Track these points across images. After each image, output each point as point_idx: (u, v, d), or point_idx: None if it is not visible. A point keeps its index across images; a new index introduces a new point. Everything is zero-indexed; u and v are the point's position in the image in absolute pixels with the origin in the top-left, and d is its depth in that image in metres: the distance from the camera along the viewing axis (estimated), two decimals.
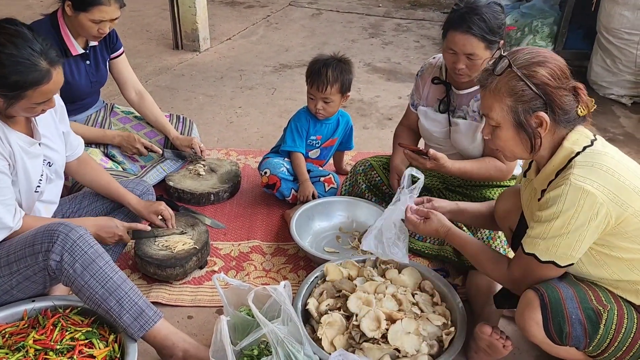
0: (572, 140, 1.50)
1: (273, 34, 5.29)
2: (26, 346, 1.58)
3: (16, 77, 1.56)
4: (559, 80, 1.45)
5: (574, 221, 1.42)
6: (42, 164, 1.81)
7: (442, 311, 1.83)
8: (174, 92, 3.93)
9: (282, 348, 1.50)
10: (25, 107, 1.65)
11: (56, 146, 1.88)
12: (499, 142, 1.57)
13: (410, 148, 2.10)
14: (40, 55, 1.59)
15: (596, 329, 1.47)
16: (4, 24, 1.59)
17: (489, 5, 1.99)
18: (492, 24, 1.96)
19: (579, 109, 1.48)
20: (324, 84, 2.42)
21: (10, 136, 1.68)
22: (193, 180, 2.67)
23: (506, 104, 1.48)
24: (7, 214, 1.67)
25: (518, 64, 1.46)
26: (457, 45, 2.00)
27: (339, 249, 2.34)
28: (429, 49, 4.99)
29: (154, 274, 2.08)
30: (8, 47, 1.55)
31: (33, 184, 1.78)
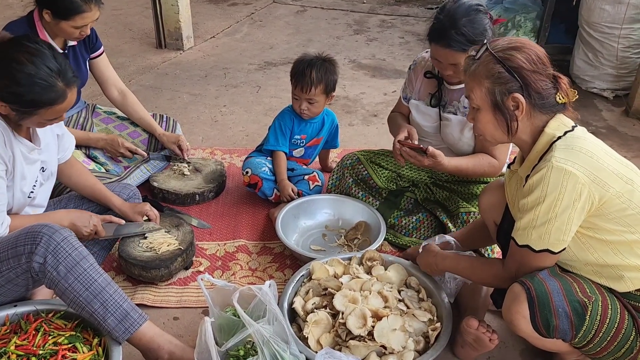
0: (553, 126, 1.55)
1: (257, 31, 5.26)
2: (8, 352, 1.55)
3: (32, 97, 1.59)
4: (535, 65, 1.51)
5: (559, 203, 1.45)
6: (38, 170, 1.81)
7: (428, 307, 1.84)
8: (157, 91, 3.90)
9: (267, 348, 1.49)
10: (37, 122, 1.69)
11: (51, 150, 1.89)
12: (479, 125, 1.63)
13: (409, 145, 2.10)
14: (57, 75, 1.62)
15: (582, 321, 1.48)
16: (24, 42, 1.61)
17: (468, 14, 1.96)
18: (471, 36, 1.95)
19: (558, 96, 1.53)
20: (308, 85, 2.41)
21: (14, 141, 1.69)
22: (178, 181, 2.65)
23: (485, 86, 1.55)
24: None
25: (496, 49, 1.54)
26: (440, 57, 2.04)
27: (325, 247, 2.34)
28: (414, 45, 5.00)
29: (139, 276, 2.07)
30: (27, 66, 1.57)
31: (27, 189, 1.78)
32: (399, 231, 2.38)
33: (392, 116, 2.47)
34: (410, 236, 2.35)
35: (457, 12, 1.97)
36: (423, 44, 5.02)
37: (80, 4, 2.14)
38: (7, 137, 1.66)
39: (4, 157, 1.65)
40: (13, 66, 1.57)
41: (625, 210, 1.48)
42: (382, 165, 2.44)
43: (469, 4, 2.00)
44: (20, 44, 1.61)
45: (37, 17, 2.23)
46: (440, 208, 2.33)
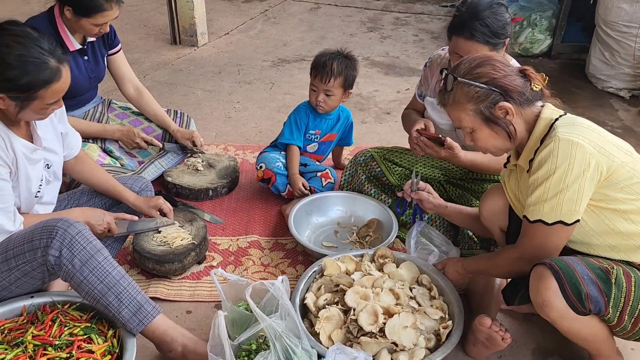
0: (547, 112, 1.61)
1: (271, 28, 5.27)
2: (25, 342, 1.58)
3: (28, 78, 1.57)
4: (502, 70, 1.58)
5: (570, 173, 1.48)
6: (42, 168, 1.82)
7: (440, 305, 1.84)
8: (172, 87, 3.92)
9: (280, 342, 1.50)
10: (38, 109, 1.66)
11: (55, 148, 1.89)
12: (480, 144, 1.67)
13: (428, 135, 2.10)
14: (49, 53, 1.59)
15: (609, 287, 1.48)
16: (7, 26, 1.59)
17: (491, 7, 1.97)
18: (495, 28, 1.95)
19: (533, 85, 1.59)
20: (328, 76, 2.42)
21: (15, 143, 1.68)
22: (191, 176, 2.67)
23: (470, 109, 1.60)
24: (8, 221, 1.68)
25: (462, 74, 1.60)
26: (461, 51, 2.01)
27: (337, 244, 2.35)
28: (428, 43, 4.98)
29: (153, 270, 2.09)
30: (16, 48, 1.55)
31: (33, 189, 1.79)
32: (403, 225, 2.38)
33: (406, 113, 2.47)
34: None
35: (479, 5, 1.98)
36: (437, 41, 5.02)
37: (101, 2, 2.16)
38: (7, 140, 1.65)
39: (6, 160, 1.65)
40: (2, 51, 1.54)
41: (632, 179, 1.53)
42: (395, 163, 2.44)
43: None
44: (5, 28, 1.58)
45: (58, 13, 2.26)
46: None
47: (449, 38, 2.06)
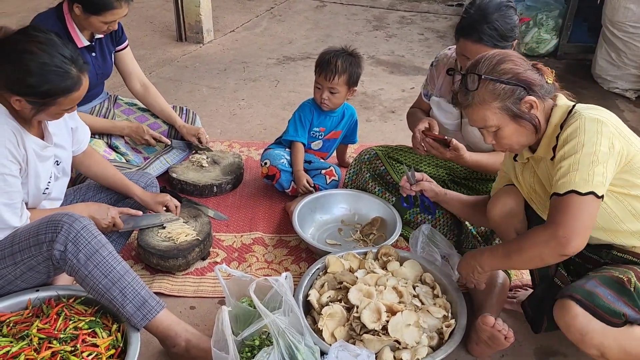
0: (562, 101, 1.63)
1: (277, 26, 5.28)
2: (30, 335, 1.59)
3: (48, 86, 1.58)
4: (523, 65, 1.59)
5: (599, 148, 1.48)
6: (52, 165, 1.83)
7: (443, 303, 1.84)
8: (177, 83, 3.93)
9: (283, 339, 1.51)
10: (54, 114, 1.68)
11: (64, 144, 1.90)
12: (505, 141, 1.64)
13: (433, 136, 2.10)
14: (71, 62, 1.60)
15: (630, 295, 1.50)
16: (31, 32, 1.59)
17: (500, 10, 1.96)
18: (503, 31, 1.95)
19: (547, 78, 1.61)
20: (332, 73, 2.43)
21: (27, 140, 1.69)
22: (196, 172, 2.68)
23: (496, 107, 1.58)
24: (14, 216, 1.69)
25: (485, 72, 1.58)
26: (469, 53, 2.00)
27: (340, 241, 2.35)
28: (433, 42, 4.98)
29: (157, 265, 2.10)
30: (40, 55, 1.56)
31: (42, 186, 1.80)
32: (414, 228, 2.38)
33: (412, 112, 2.47)
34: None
35: (488, 7, 1.97)
36: (443, 40, 5.02)
37: (111, 0, 2.17)
38: (19, 137, 1.66)
39: (17, 157, 1.66)
40: (26, 57, 1.55)
41: None
42: (399, 161, 2.44)
43: (500, 0, 1.99)
44: (29, 34, 1.59)
45: (67, 10, 2.27)
46: None
47: (457, 40, 2.05)
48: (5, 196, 1.64)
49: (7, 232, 1.70)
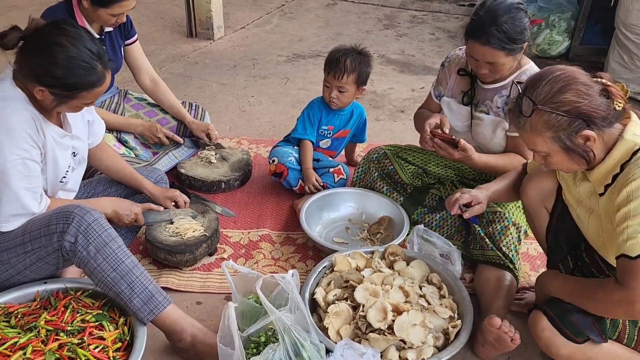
0: (631, 131, 1.47)
1: (287, 23, 5.28)
2: (38, 327, 1.60)
3: (74, 80, 1.60)
4: (586, 95, 1.42)
5: None
6: (70, 155, 1.84)
7: (449, 304, 1.84)
8: (187, 79, 3.94)
9: (288, 336, 1.51)
10: (74, 106, 1.71)
11: (81, 135, 1.92)
12: (554, 167, 1.59)
13: (442, 137, 2.08)
14: (97, 58, 1.63)
15: (604, 325, 1.54)
16: (63, 26, 1.62)
17: (509, 12, 1.94)
18: (511, 34, 1.93)
19: (616, 104, 1.45)
20: (341, 72, 2.42)
21: (46, 127, 1.71)
22: (204, 168, 2.69)
23: (548, 137, 1.48)
24: (34, 201, 1.70)
25: (542, 100, 1.45)
26: (477, 55, 2.00)
27: (347, 240, 2.35)
28: (444, 42, 4.96)
29: (164, 260, 2.11)
30: (69, 49, 1.58)
31: (60, 174, 1.82)
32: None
33: (420, 112, 2.45)
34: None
35: (498, 9, 1.95)
36: (454, 40, 5.00)
37: None
38: (39, 123, 1.68)
39: (37, 142, 1.68)
40: (55, 49, 1.58)
41: None
42: (408, 161, 2.44)
43: (510, 2, 1.97)
44: (60, 27, 1.62)
45: (76, 3, 2.28)
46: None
47: (466, 41, 2.04)
48: (25, 180, 1.65)
49: (25, 219, 1.71)
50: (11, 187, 1.63)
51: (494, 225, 2.13)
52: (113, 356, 1.59)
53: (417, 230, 2.14)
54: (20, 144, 1.62)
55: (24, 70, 1.62)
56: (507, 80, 2.13)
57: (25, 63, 1.62)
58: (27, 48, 1.62)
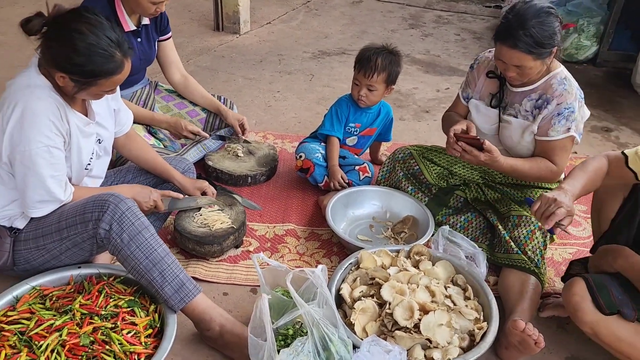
0: None
1: (312, 20, 5.29)
2: (73, 310, 1.65)
3: (92, 67, 1.62)
4: None
5: None
6: (94, 142, 1.87)
7: (475, 306, 1.84)
8: (214, 73, 3.98)
9: (317, 330, 1.53)
10: (94, 94, 1.72)
11: (106, 124, 1.94)
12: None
13: (467, 138, 2.08)
14: (117, 46, 1.64)
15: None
16: (83, 12, 1.64)
17: (538, 16, 1.93)
18: (539, 38, 1.92)
19: None
20: (372, 71, 2.43)
21: (70, 115, 1.73)
22: (231, 161, 2.72)
23: None
24: (59, 189, 1.74)
25: None
26: (504, 58, 2.00)
27: (372, 238, 2.37)
28: (470, 43, 4.93)
29: (192, 250, 2.14)
30: (89, 37, 1.60)
31: (84, 162, 1.85)
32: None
33: (448, 115, 2.45)
34: None
35: (527, 13, 1.95)
36: (479, 42, 4.97)
37: None
38: (63, 111, 1.71)
39: (61, 130, 1.70)
40: (75, 36, 1.59)
41: None
42: (434, 162, 2.44)
43: (540, 6, 1.97)
44: (81, 14, 1.63)
45: None
46: (490, 209, 2.32)
47: (494, 44, 2.05)
48: (51, 168, 1.69)
49: (53, 205, 1.75)
50: (37, 174, 1.67)
51: (520, 230, 2.13)
52: (145, 342, 1.63)
53: (443, 230, 2.15)
54: (44, 131, 1.65)
55: (47, 57, 1.65)
56: (536, 84, 2.12)
57: (47, 49, 1.64)
58: (49, 34, 1.64)
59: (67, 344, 1.55)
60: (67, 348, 1.54)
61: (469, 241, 2.13)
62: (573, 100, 2.07)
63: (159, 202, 2.01)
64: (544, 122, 2.11)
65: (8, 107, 1.63)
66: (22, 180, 1.68)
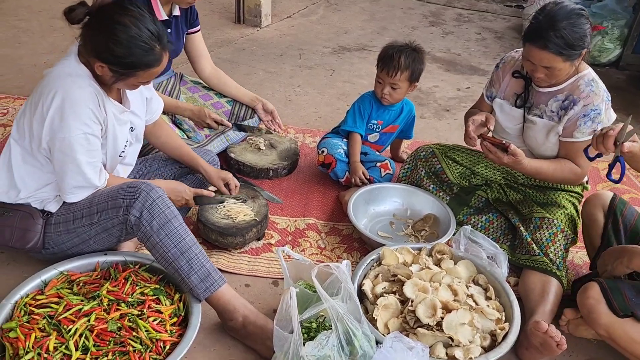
0: None
1: (332, 15, 5.29)
2: (100, 295, 1.67)
3: (133, 59, 1.65)
4: None
5: None
6: (128, 130, 1.90)
7: (496, 306, 1.85)
8: (235, 65, 4.00)
9: (341, 324, 1.54)
10: (131, 84, 1.75)
11: (139, 112, 1.97)
12: None
13: (491, 140, 2.07)
14: (157, 39, 1.67)
15: None
16: (127, 5, 1.66)
17: (569, 17, 1.92)
18: (570, 39, 1.91)
19: None
20: (395, 69, 2.43)
21: (107, 103, 1.76)
22: (253, 154, 2.73)
23: None
24: (95, 175, 1.77)
25: None
26: (533, 59, 1.99)
27: (392, 235, 2.38)
28: (490, 42, 4.91)
29: (215, 241, 2.16)
30: (132, 29, 1.62)
31: (119, 149, 1.87)
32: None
33: (470, 112, 2.45)
34: None
35: (558, 14, 1.93)
36: (500, 41, 4.95)
37: None
38: (101, 99, 1.74)
39: (99, 118, 1.73)
40: (117, 28, 1.62)
41: None
42: (456, 161, 2.44)
43: (572, 7, 1.96)
44: (124, 7, 1.65)
45: None
46: (512, 210, 2.32)
47: (523, 44, 2.04)
48: (88, 155, 1.72)
49: (89, 191, 1.79)
50: (75, 161, 1.70)
51: (542, 232, 2.13)
52: (170, 330, 1.65)
53: (464, 230, 2.15)
54: (84, 119, 1.68)
55: (87, 46, 1.68)
56: (563, 85, 2.11)
57: (88, 39, 1.67)
58: (92, 24, 1.66)
59: (95, 329, 1.57)
60: (95, 333, 1.57)
61: (491, 241, 2.14)
62: (600, 102, 2.06)
63: (190, 200, 2.03)
64: (570, 124, 2.10)
65: (48, 95, 1.66)
66: (60, 166, 1.71)
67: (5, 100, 3.18)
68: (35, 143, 1.72)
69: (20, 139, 1.76)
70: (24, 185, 1.80)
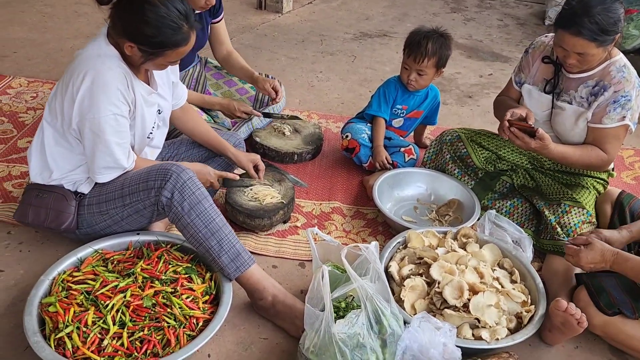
0: None
1: (353, 1, 5.26)
2: (135, 273, 1.72)
3: (161, 38, 1.67)
4: None
5: None
6: (155, 112, 1.93)
7: (522, 289, 1.86)
8: (257, 51, 4.01)
9: (370, 303, 1.57)
10: (159, 64, 1.78)
11: (166, 95, 2.00)
12: None
13: (519, 125, 2.07)
14: (185, 18, 1.69)
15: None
16: None
17: (603, 2, 1.90)
18: (604, 25, 1.89)
19: None
20: (422, 56, 2.43)
21: (135, 84, 1.79)
22: (278, 139, 2.76)
23: None
24: (123, 156, 1.80)
25: None
26: (566, 45, 1.98)
27: (416, 219, 2.39)
28: (513, 29, 4.86)
29: (243, 223, 2.20)
30: (160, 9, 1.65)
31: (147, 130, 1.91)
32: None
33: (500, 99, 2.44)
34: None
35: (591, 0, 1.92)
36: (522, 28, 4.89)
37: None
38: (129, 80, 1.77)
39: (127, 99, 1.76)
40: (146, 8, 1.64)
41: None
42: (482, 145, 2.44)
43: None
44: None
45: None
46: (537, 195, 2.31)
47: (555, 30, 2.02)
48: (117, 135, 1.75)
49: (117, 172, 1.82)
50: (105, 141, 1.74)
51: (570, 217, 2.13)
52: (202, 307, 1.69)
53: (489, 215, 2.17)
54: (113, 100, 1.71)
55: (117, 26, 1.70)
56: (594, 71, 2.10)
57: (118, 19, 1.70)
58: (121, 4, 1.69)
59: (131, 305, 1.62)
60: (131, 309, 1.62)
61: (516, 226, 2.15)
62: (631, 89, 2.05)
63: (215, 182, 2.05)
64: (599, 109, 2.09)
65: (78, 76, 1.70)
66: (90, 146, 1.75)
67: (34, 84, 3.24)
68: (67, 124, 1.76)
69: (53, 121, 1.81)
70: (56, 166, 1.85)
